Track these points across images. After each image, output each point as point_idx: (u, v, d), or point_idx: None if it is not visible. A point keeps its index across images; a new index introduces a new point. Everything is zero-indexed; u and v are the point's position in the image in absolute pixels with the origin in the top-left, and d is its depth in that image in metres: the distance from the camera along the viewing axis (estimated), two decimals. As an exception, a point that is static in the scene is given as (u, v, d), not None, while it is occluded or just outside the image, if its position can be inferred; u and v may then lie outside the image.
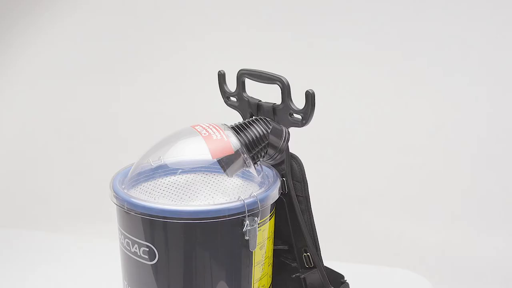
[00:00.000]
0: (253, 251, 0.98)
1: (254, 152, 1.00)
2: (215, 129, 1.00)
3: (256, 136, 1.00)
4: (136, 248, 0.97)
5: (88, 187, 2.06)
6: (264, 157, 1.03)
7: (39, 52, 2.18)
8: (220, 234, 0.95)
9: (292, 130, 1.05)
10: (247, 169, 1.02)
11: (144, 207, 0.93)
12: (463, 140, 1.98)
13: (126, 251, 1.00)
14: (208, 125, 1.01)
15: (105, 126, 2.14)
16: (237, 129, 1.01)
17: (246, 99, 1.11)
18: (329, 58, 1.99)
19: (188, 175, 1.08)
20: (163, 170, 1.08)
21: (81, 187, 2.09)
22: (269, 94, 1.13)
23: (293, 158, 1.08)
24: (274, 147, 1.02)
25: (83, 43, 2.15)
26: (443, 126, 1.99)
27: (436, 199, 1.92)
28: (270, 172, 1.06)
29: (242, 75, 1.10)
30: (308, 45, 2.00)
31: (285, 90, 1.02)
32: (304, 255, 1.10)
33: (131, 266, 1.00)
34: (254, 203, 0.94)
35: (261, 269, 1.02)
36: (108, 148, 2.11)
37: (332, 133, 1.98)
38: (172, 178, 1.07)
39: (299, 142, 1.15)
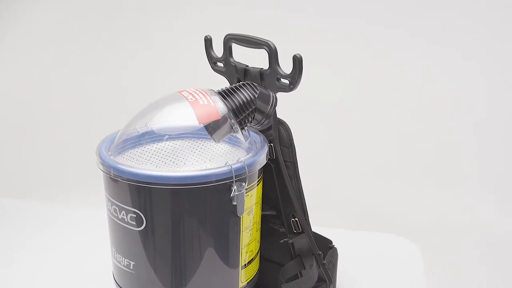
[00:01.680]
0: (241, 216, 0.98)
1: (241, 117, 0.99)
2: (201, 94, 0.98)
3: (243, 101, 0.99)
4: (123, 215, 0.97)
5: (75, 155, 2.05)
6: (251, 122, 1.03)
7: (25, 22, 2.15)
8: (208, 200, 0.94)
9: (280, 95, 1.04)
10: (234, 134, 1.01)
11: (130, 173, 0.92)
12: (455, 108, 1.98)
13: (113, 217, 1.00)
14: (194, 90, 1.00)
15: (92, 94, 2.12)
16: (224, 94, 1.00)
17: (233, 64, 1.10)
18: (318, 24, 1.97)
19: (175, 142, 1.07)
20: (150, 137, 1.07)
21: (67, 155, 2.07)
22: (256, 60, 1.11)
23: (281, 123, 1.07)
24: (262, 112, 1.01)
25: (68, 9, 2.12)
26: (433, 94, 1.98)
27: (426, 166, 1.92)
28: (258, 138, 1.06)
29: (229, 40, 1.09)
30: (296, 11, 1.98)
31: (273, 54, 1.01)
32: (292, 220, 1.10)
33: (119, 232, 1.00)
34: (242, 168, 0.94)
35: (249, 234, 1.02)
36: (95, 116, 2.09)
37: (320, 98, 1.97)
38: (159, 145, 1.06)
39: (286, 107, 1.14)
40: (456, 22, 1.92)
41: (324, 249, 1.18)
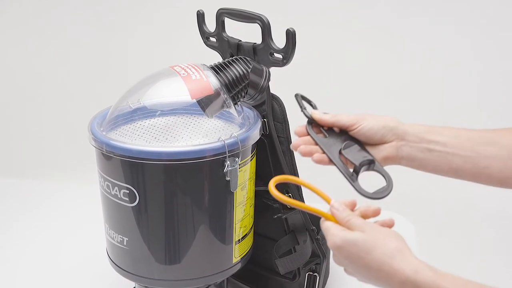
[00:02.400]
0: (235, 192, 0.97)
1: (234, 92, 0.98)
2: (194, 69, 0.98)
3: (236, 76, 0.98)
4: (116, 191, 0.96)
5: (67, 133, 2.04)
6: (244, 97, 1.02)
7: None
8: (201, 175, 0.94)
9: (273, 70, 1.03)
10: (227, 109, 1.00)
11: (123, 149, 0.92)
12: (446, 73, 1.98)
13: (106, 194, 0.99)
14: (187, 65, 0.99)
15: (84, 69, 2.11)
16: (217, 69, 0.99)
17: (226, 39, 1.08)
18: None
19: (168, 118, 1.06)
20: (142, 112, 1.06)
21: (60, 132, 2.07)
22: (249, 35, 1.10)
23: (274, 98, 1.07)
24: (255, 87, 1.00)
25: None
26: (429, 64, 1.99)
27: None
28: (251, 113, 1.05)
29: (222, 14, 1.08)
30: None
31: (266, 29, 0.99)
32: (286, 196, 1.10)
33: (112, 209, 1.00)
34: (235, 143, 0.93)
35: (243, 210, 1.02)
36: (87, 92, 2.08)
37: (314, 73, 1.97)
38: (152, 121, 1.05)
39: (280, 82, 1.14)
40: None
41: (317, 225, 1.17)
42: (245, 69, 0.99)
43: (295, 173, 1.11)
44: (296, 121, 1.15)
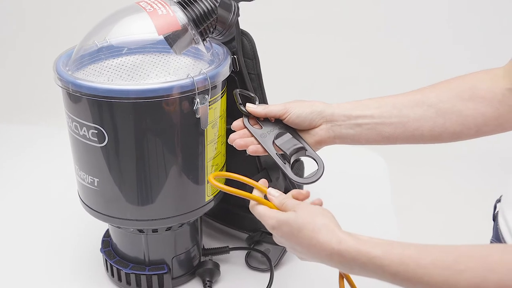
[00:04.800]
0: (205, 129, 0.96)
1: (202, 28, 0.96)
2: (160, 4, 0.95)
3: (204, 11, 0.96)
4: (84, 131, 0.94)
5: (32, 74, 1.99)
6: (213, 33, 1.00)
7: None
8: (170, 113, 0.92)
9: (243, 5, 1.01)
10: (195, 46, 0.98)
11: (89, 88, 0.89)
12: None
13: (74, 134, 0.97)
14: (153, 0, 0.96)
15: (47, 9, 2.04)
16: (184, 4, 0.96)
17: (193, -26, 1.05)
18: None
19: (136, 56, 1.04)
20: (109, 51, 1.03)
21: (24, 74, 2.02)
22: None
23: (244, 34, 1.05)
24: (223, 22, 0.98)
25: None
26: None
27: (398, 86, 1.92)
28: (220, 50, 1.03)
29: None
30: None
31: (233, -39, 0.96)
32: (258, 133, 1.09)
33: (81, 149, 0.98)
34: (204, 80, 0.91)
35: (214, 148, 1.01)
36: (52, 31, 2.02)
37: (284, 9, 1.94)
38: (119, 60, 1.03)
39: (250, 18, 1.11)
40: None
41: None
42: (213, 3, 0.97)
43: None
44: (267, 57, 1.13)
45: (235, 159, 1.13)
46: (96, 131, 0.93)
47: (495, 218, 0.90)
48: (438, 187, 2.58)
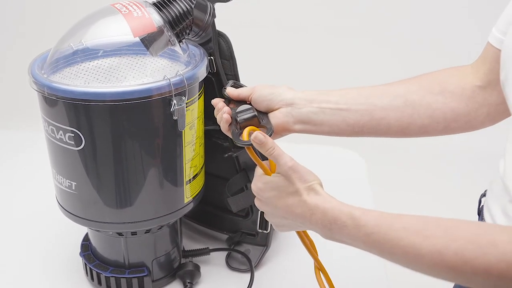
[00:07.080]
0: (183, 131, 0.96)
1: (178, 29, 0.96)
2: (136, 6, 0.94)
3: (179, 12, 0.95)
4: (61, 135, 0.94)
5: (7, 77, 1.97)
6: (189, 34, 0.99)
7: None
8: (147, 115, 0.92)
9: (219, 6, 1.01)
10: (172, 47, 0.98)
11: (65, 91, 0.89)
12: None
13: (51, 138, 0.97)
14: (128, 2, 0.95)
15: (21, 12, 2.02)
16: (160, 6, 0.96)
17: (168, -25, 1.05)
18: None
19: (112, 58, 1.03)
20: (84, 54, 1.03)
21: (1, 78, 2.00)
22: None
23: (221, 35, 1.05)
24: (199, 23, 0.98)
25: None
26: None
27: (377, 73, 1.93)
28: (197, 51, 1.03)
29: None
30: None
31: (208, -37, 0.96)
32: (236, 134, 1.09)
33: (58, 153, 0.97)
34: (181, 81, 0.91)
35: (192, 149, 1.01)
36: (27, 34, 2.00)
37: (260, 9, 1.94)
38: (95, 62, 1.02)
39: (226, 19, 1.11)
40: None
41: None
42: (188, 5, 0.97)
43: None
44: (244, 58, 1.13)
45: (214, 160, 1.13)
46: (73, 135, 0.92)
47: (480, 212, 0.91)
48: (421, 182, 2.60)
